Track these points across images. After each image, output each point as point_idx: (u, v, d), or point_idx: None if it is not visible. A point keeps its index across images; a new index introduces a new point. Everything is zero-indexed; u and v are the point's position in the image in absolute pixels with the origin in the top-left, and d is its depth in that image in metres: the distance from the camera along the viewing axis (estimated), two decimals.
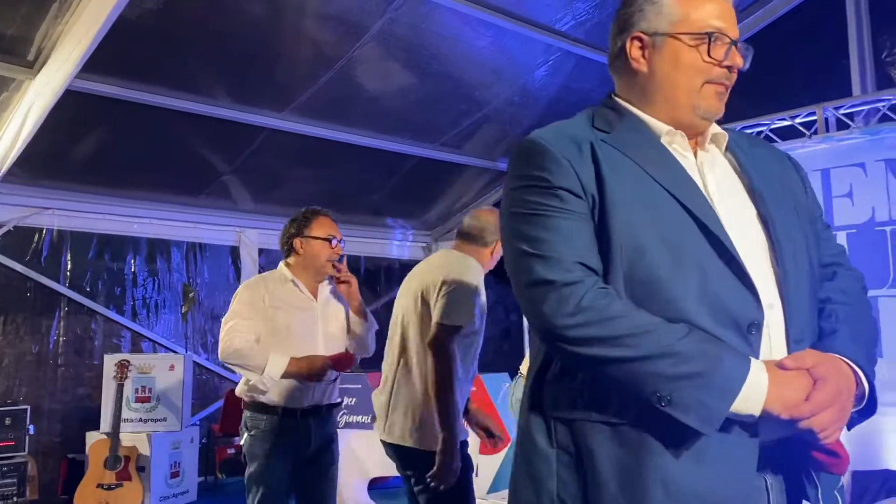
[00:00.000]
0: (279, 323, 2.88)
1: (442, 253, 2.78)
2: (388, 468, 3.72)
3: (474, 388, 5.24)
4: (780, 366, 1.19)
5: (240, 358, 2.77)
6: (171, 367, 5.76)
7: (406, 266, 8.38)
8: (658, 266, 1.22)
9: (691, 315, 1.20)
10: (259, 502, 2.79)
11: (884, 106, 5.06)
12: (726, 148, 1.44)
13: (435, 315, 2.47)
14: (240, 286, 2.99)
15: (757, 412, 1.16)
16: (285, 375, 2.79)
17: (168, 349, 6.60)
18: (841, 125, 5.26)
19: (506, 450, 4.97)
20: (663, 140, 1.37)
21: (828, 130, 5.26)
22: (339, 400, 3.11)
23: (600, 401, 1.24)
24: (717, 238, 1.24)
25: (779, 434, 1.20)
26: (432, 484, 2.38)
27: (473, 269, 2.58)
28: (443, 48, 5.47)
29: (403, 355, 2.60)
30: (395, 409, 2.55)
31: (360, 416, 5.50)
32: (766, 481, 1.24)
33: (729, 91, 1.43)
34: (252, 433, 2.82)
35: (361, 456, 4.18)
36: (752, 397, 1.15)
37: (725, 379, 1.14)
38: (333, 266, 3.02)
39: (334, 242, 3.00)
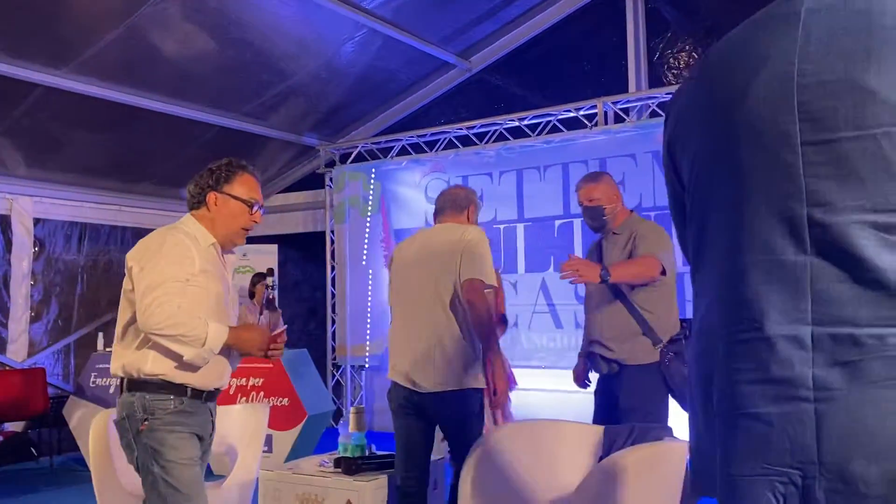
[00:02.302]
0: (209, 291, 2.39)
1: (444, 226, 3.07)
2: None
3: (270, 365, 5.19)
4: None
5: (177, 327, 2.23)
6: None
7: None
8: None
9: None
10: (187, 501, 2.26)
11: (654, 102, 5.65)
12: None
13: (469, 272, 2.84)
14: (158, 239, 2.36)
15: None
16: (221, 350, 2.34)
17: None
18: (618, 119, 5.80)
19: (301, 424, 4.98)
20: None
21: (606, 123, 5.78)
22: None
23: None
24: None
25: None
26: (492, 404, 2.80)
27: (483, 233, 2.98)
28: (244, 14, 5.28)
29: (443, 315, 2.87)
30: (450, 363, 2.83)
31: None
32: None
33: None
34: (155, 417, 2.28)
35: None
36: None
37: None
38: (275, 335, 2.50)
39: (255, 209, 2.49)
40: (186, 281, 2.29)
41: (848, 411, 0.82)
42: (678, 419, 2.49)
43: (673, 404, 2.98)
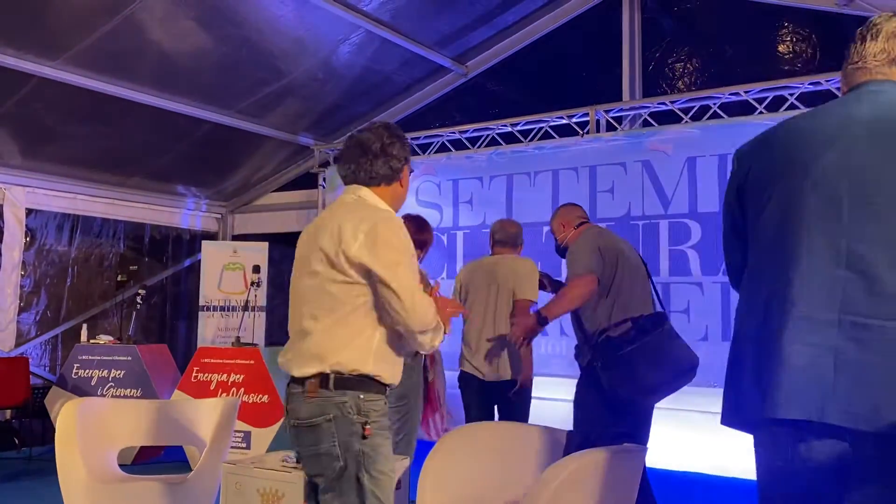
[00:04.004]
0: (418, 276, 2.28)
1: (509, 257, 3.98)
2: (143, 439, 3.58)
3: (252, 362, 5.20)
4: None
5: (435, 316, 2.15)
6: None
7: (196, 237, 8.03)
8: None
9: None
10: None
11: (646, 112, 5.65)
12: None
13: (528, 294, 3.85)
14: (390, 227, 2.14)
15: None
16: None
17: None
18: (610, 127, 5.80)
19: (279, 422, 4.97)
20: None
21: (598, 131, 5.78)
22: None
23: None
24: None
25: None
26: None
27: (532, 263, 3.95)
28: (240, 11, 5.31)
29: (493, 323, 3.82)
30: (499, 356, 3.74)
31: (128, 390, 5.23)
32: None
33: None
34: (371, 420, 2.08)
35: (115, 425, 3.96)
36: None
37: None
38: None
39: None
40: None
41: (855, 369, 1.37)
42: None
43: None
